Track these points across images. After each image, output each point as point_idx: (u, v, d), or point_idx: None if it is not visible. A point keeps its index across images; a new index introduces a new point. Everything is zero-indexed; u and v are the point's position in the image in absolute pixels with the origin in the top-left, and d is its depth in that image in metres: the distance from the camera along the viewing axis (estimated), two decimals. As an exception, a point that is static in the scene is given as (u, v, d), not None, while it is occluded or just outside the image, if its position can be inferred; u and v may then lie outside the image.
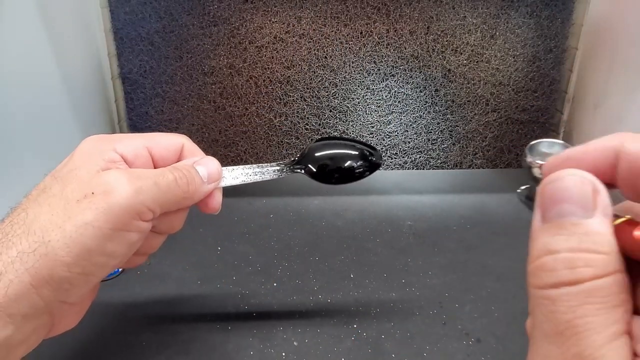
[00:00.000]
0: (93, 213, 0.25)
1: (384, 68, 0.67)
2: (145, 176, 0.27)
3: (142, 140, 0.30)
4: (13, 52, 0.46)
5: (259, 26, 0.65)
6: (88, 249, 0.25)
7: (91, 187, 0.25)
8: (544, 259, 0.16)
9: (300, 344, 0.37)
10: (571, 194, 0.16)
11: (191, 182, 0.30)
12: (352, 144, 0.36)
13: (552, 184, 0.17)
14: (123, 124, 0.70)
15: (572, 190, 0.16)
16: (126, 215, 0.26)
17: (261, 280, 0.45)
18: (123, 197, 0.25)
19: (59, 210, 0.25)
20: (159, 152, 0.31)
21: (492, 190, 0.65)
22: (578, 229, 0.15)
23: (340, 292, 0.43)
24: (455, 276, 0.46)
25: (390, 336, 0.38)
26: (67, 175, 0.27)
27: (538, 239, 0.16)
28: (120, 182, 0.26)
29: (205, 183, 0.31)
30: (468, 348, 0.37)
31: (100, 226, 0.25)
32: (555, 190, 0.16)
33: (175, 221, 0.31)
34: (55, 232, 0.24)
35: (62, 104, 0.56)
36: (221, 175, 0.32)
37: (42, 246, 0.24)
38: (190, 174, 0.30)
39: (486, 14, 0.65)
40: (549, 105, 0.70)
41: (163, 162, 0.31)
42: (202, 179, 0.30)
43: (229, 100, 0.68)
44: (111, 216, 0.25)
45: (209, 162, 0.32)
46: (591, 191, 0.16)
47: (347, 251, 0.50)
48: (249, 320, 0.40)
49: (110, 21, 0.64)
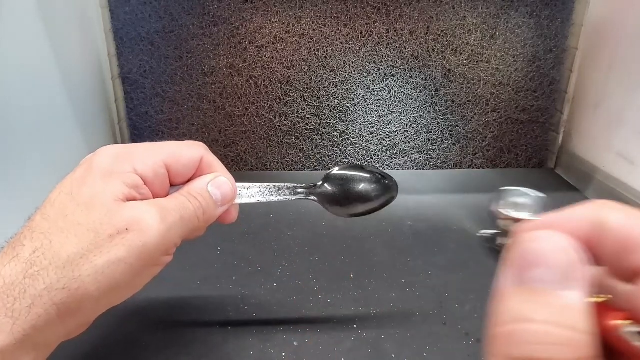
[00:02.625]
0: (126, 250, 0.25)
1: (384, 68, 0.67)
2: (172, 209, 0.27)
3: (161, 155, 0.29)
4: (13, 52, 0.46)
5: (259, 26, 0.65)
6: (117, 285, 0.25)
7: (123, 222, 0.25)
8: (515, 326, 0.14)
9: (300, 344, 0.37)
10: (549, 259, 0.15)
11: (207, 209, 0.30)
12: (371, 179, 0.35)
13: (528, 244, 0.15)
14: (123, 124, 0.70)
15: (550, 254, 0.15)
16: (157, 252, 0.26)
17: (261, 280, 0.45)
18: (156, 237, 0.26)
19: (89, 243, 0.24)
20: (177, 169, 0.30)
21: (492, 190, 0.65)
22: (552, 299, 0.14)
23: (340, 292, 0.43)
24: (455, 276, 0.46)
25: (390, 336, 0.38)
26: (90, 200, 0.26)
27: (508, 301, 0.15)
28: (153, 220, 0.26)
29: (219, 206, 0.31)
30: (468, 348, 0.37)
31: (132, 263, 0.25)
32: (532, 251, 0.15)
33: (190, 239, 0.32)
34: (86, 267, 0.24)
35: (62, 104, 0.56)
36: (235, 195, 0.32)
37: (71, 281, 0.24)
38: (205, 201, 0.29)
39: (486, 14, 0.65)
40: (549, 105, 0.70)
41: (180, 177, 0.30)
42: (216, 202, 0.30)
43: (229, 100, 0.68)
44: (144, 254, 0.25)
45: (223, 185, 0.31)
46: (569, 259, 0.15)
47: (347, 251, 0.50)
48: (249, 320, 0.40)
49: (110, 21, 0.64)
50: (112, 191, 0.26)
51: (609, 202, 0.16)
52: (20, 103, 0.47)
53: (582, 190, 0.65)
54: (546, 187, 0.67)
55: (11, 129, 0.46)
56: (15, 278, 0.23)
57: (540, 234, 0.15)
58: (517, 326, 0.14)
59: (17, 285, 0.23)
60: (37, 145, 0.50)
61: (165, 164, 0.29)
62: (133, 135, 0.70)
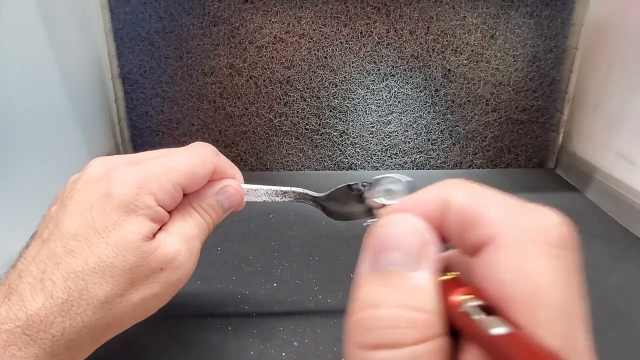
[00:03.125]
0: (160, 286, 0.27)
1: (384, 68, 0.67)
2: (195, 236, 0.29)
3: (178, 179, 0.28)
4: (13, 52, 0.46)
5: (259, 26, 0.65)
6: (146, 313, 0.27)
7: (157, 263, 0.26)
8: (366, 312, 0.14)
9: (300, 344, 0.37)
10: (399, 242, 0.15)
11: (215, 220, 0.31)
12: None
13: (382, 229, 0.15)
14: (123, 124, 0.70)
15: (401, 238, 0.15)
16: (185, 282, 0.29)
17: (261, 280, 0.45)
18: (189, 271, 0.28)
19: (125, 284, 0.25)
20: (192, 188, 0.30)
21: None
22: (403, 282, 0.14)
23: (340, 292, 0.43)
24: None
25: (390, 336, 0.38)
26: (120, 241, 0.25)
27: (362, 288, 0.15)
28: (184, 257, 0.28)
29: (226, 212, 0.32)
30: (468, 348, 0.37)
31: (166, 295, 0.27)
32: (385, 235, 0.15)
33: None
34: (123, 304, 0.25)
35: (62, 104, 0.56)
36: (243, 201, 0.33)
37: (109, 317, 0.25)
38: (215, 212, 0.31)
39: (486, 14, 0.65)
40: (549, 105, 0.70)
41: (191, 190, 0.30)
42: (224, 210, 0.32)
43: (229, 100, 0.68)
44: (176, 286, 0.28)
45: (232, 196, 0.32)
46: (419, 241, 0.15)
47: (347, 251, 0.50)
48: (249, 320, 0.40)
49: (110, 21, 0.64)
50: (139, 231, 0.26)
51: (455, 180, 0.17)
52: (20, 103, 0.47)
53: (582, 190, 0.65)
54: (546, 187, 0.67)
55: (11, 129, 0.46)
56: (50, 316, 0.24)
57: (392, 218, 0.15)
58: (368, 312, 0.14)
59: (53, 323, 0.23)
60: (37, 145, 0.50)
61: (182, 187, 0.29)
62: (133, 135, 0.70)
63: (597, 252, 0.50)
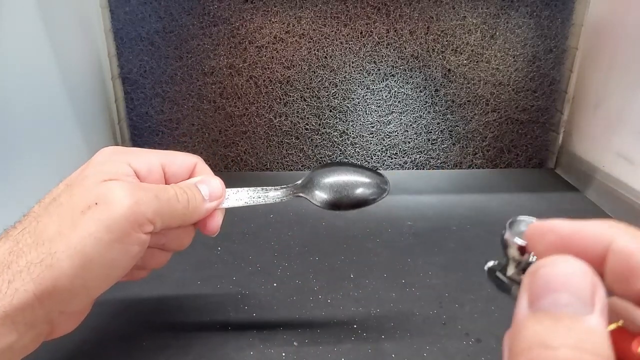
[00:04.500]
0: (95, 224, 0.25)
1: (384, 68, 0.67)
2: (146, 188, 0.28)
3: (158, 156, 0.31)
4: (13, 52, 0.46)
5: (259, 26, 0.65)
6: (90, 260, 0.25)
7: (94, 197, 0.26)
8: (537, 353, 0.13)
9: (300, 344, 0.37)
10: (569, 284, 0.14)
11: (192, 199, 0.30)
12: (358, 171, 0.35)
13: (546, 269, 0.15)
14: (123, 124, 0.70)
15: (570, 279, 0.14)
16: (127, 226, 0.26)
17: (261, 280, 0.45)
18: (124, 208, 0.26)
19: (67, 220, 0.25)
20: (172, 170, 0.31)
21: (492, 190, 0.65)
22: (577, 324, 0.14)
23: (340, 292, 0.43)
24: (455, 276, 0.46)
25: (390, 336, 0.38)
26: (76, 184, 0.27)
27: (527, 327, 0.14)
28: (120, 193, 0.26)
29: (207, 201, 0.31)
30: (468, 348, 0.37)
31: (102, 237, 0.25)
32: (551, 276, 0.15)
33: (181, 238, 0.32)
34: (62, 244, 0.24)
35: (62, 104, 0.56)
36: (223, 195, 0.33)
37: (48, 257, 0.24)
38: (191, 191, 0.30)
39: (486, 14, 0.65)
40: (549, 105, 0.70)
41: (174, 179, 0.32)
42: (204, 197, 0.31)
43: (229, 100, 0.68)
44: (112, 227, 0.25)
45: (212, 181, 0.32)
46: (590, 283, 0.14)
47: (347, 251, 0.50)
48: (249, 320, 0.40)
49: (110, 21, 0.64)
50: (98, 176, 0.27)
51: (618, 223, 0.16)
52: (20, 103, 0.47)
53: (582, 190, 0.65)
54: (546, 187, 0.67)
55: (11, 129, 0.46)
56: (2, 256, 0.24)
57: (556, 258, 0.15)
58: (541, 353, 0.13)
59: (2, 262, 0.24)
60: (37, 145, 0.50)
61: (161, 164, 0.30)
62: (133, 135, 0.70)
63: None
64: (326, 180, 0.35)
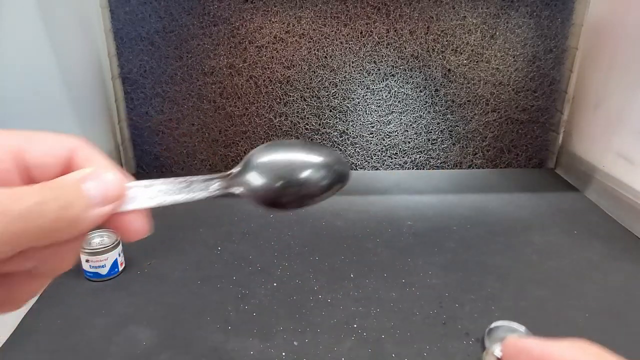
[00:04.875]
0: None
1: (384, 68, 0.67)
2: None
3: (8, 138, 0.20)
4: (13, 52, 0.46)
5: (259, 26, 0.65)
6: None
7: None
8: None
9: (300, 344, 0.37)
10: None
11: (69, 206, 0.19)
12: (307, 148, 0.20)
13: None
14: (123, 124, 0.70)
15: None
16: None
17: (261, 280, 0.45)
18: None
19: None
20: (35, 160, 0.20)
21: (492, 190, 0.65)
22: None
23: (340, 292, 0.43)
24: (455, 276, 0.46)
25: (390, 336, 0.38)
26: None
27: None
28: None
29: (97, 205, 0.20)
30: (468, 348, 0.37)
31: None
32: None
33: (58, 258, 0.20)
34: None
35: (62, 104, 0.56)
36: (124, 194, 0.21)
37: None
38: (68, 193, 0.19)
39: (486, 14, 0.65)
40: (549, 105, 0.70)
41: (43, 174, 0.21)
42: (91, 199, 0.20)
43: (229, 100, 0.68)
44: None
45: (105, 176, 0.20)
46: None
47: (347, 251, 0.50)
48: (249, 320, 0.40)
49: (110, 21, 0.64)
50: None
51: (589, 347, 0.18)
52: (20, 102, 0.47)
53: (581, 190, 0.65)
54: (546, 187, 0.67)
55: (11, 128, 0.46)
56: None
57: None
58: None
59: None
60: (37, 145, 0.50)
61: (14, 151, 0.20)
62: (133, 135, 0.70)
63: (597, 251, 0.50)
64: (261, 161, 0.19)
